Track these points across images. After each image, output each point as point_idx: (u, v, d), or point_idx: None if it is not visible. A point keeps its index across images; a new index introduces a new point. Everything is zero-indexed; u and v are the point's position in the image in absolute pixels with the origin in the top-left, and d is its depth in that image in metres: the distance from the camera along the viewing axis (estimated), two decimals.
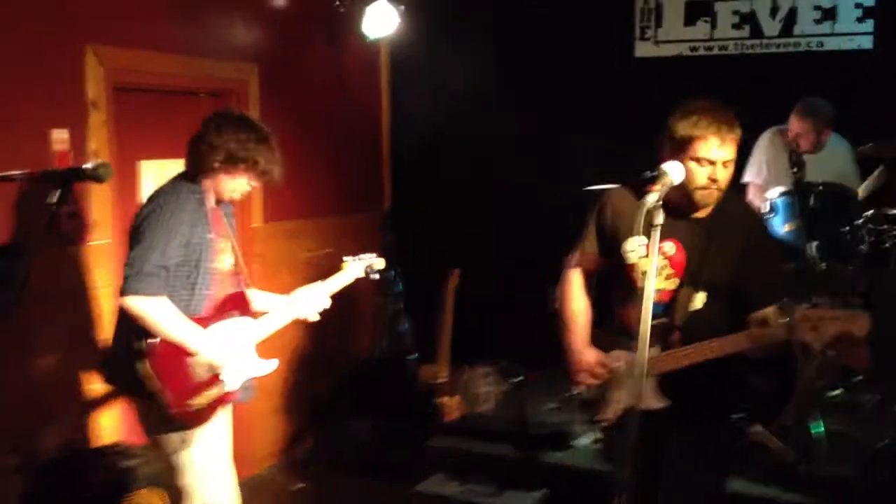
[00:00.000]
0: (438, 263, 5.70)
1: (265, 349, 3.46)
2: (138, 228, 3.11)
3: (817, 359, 4.45)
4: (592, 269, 3.28)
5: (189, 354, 3.13)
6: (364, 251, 3.91)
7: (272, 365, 3.41)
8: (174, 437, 3.23)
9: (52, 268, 3.94)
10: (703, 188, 2.90)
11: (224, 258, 3.33)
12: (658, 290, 3.02)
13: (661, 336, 2.99)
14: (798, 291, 4.51)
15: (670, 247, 3.04)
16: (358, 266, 3.76)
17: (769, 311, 2.87)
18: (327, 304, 3.60)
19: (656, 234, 2.52)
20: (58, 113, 4.01)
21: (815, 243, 4.19)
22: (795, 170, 4.52)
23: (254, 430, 5.07)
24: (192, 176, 3.24)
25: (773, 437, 4.32)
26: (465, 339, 5.45)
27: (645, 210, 2.54)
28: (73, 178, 2.40)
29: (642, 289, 2.83)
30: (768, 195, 4.61)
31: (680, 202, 2.96)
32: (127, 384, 3.23)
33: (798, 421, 4.48)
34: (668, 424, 3.03)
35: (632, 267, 3.07)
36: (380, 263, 3.83)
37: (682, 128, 2.91)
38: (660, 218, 2.53)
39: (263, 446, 5.25)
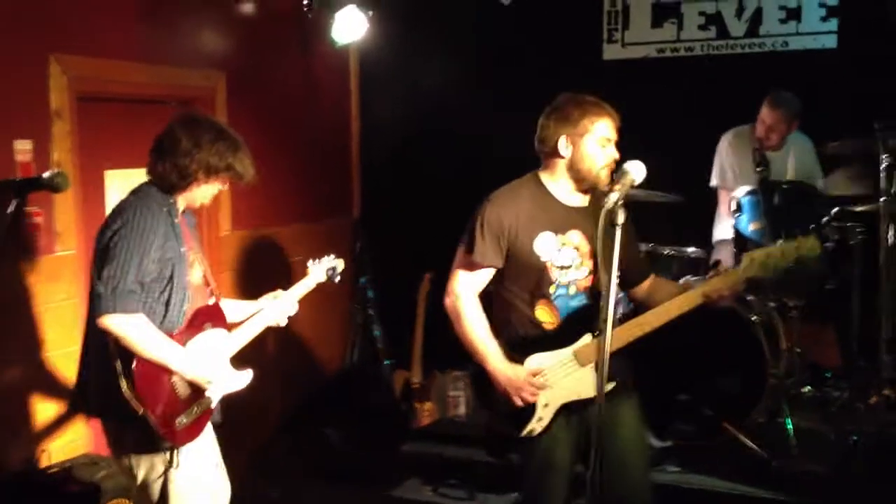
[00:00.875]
0: (410, 269, 5.70)
1: (237, 360, 3.39)
2: (108, 244, 2.96)
3: (786, 356, 4.50)
4: (485, 284, 3.23)
5: (171, 372, 3.02)
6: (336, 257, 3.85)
7: (248, 376, 3.31)
8: (157, 459, 3.08)
9: (15, 279, 3.91)
10: (606, 166, 3.12)
11: (194, 271, 3.23)
12: (575, 282, 3.17)
13: (592, 322, 3.08)
14: (765, 289, 4.58)
15: (577, 237, 3.17)
16: (319, 269, 3.71)
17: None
18: (295, 309, 3.54)
19: (618, 233, 2.53)
20: (21, 123, 3.97)
21: (780, 241, 4.20)
22: (760, 168, 4.56)
23: (227, 440, 5.03)
24: (164, 188, 3.11)
25: (743, 434, 4.34)
26: (438, 344, 5.43)
27: (605, 210, 2.54)
28: (29, 188, 2.37)
29: (566, 284, 3.13)
30: (734, 194, 4.64)
31: (571, 191, 3.18)
32: (103, 407, 3.08)
33: (768, 418, 4.52)
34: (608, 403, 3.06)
35: (545, 265, 3.14)
36: (340, 265, 3.78)
37: (579, 116, 3.12)
38: (621, 217, 2.53)
39: (238, 456, 5.21)
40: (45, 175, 2.37)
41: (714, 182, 5.17)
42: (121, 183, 4.56)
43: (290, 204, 5.70)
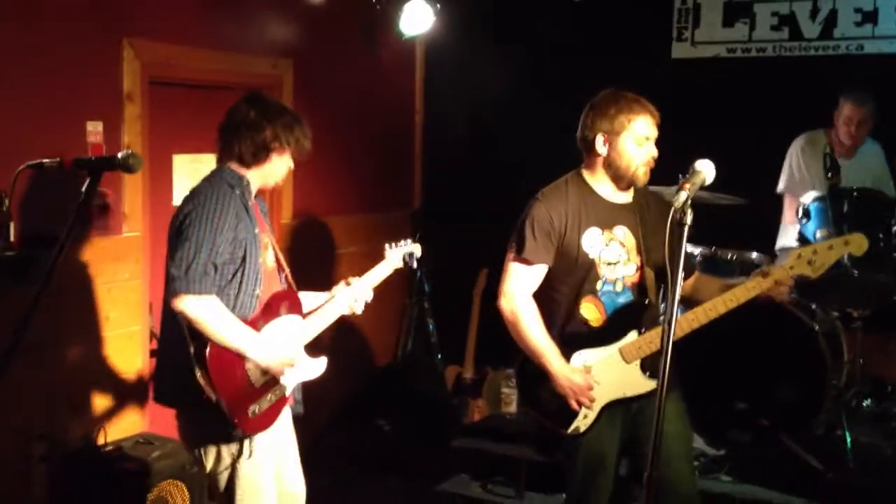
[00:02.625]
0: (467, 263, 5.69)
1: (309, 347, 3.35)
2: (181, 227, 2.93)
3: (847, 367, 4.39)
4: (538, 283, 3.19)
5: (245, 359, 2.94)
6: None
7: (323, 364, 3.26)
8: (224, 450, 3.01)
9: (82, 257, 3.99)
10: (645, 164, 3.13)
11: (267, 254, 3.18)
12: (622, 278, 3.16)
13: (638, 319, 3.13)
14: (829, 298, 4.47)
15: (623, 232, 3.17)
16: (396, 254, 3.59)
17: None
18: (370, 296, 3.44)
19: (684, 232, 2.49)
20: (93, 105, 4.06)
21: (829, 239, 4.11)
22: (830, 175, 4.46)
23: None
24: (240, 164, 3.08)
25: (800, 446, 4.25)
26: (492, 340, 5.43)
27: (674, 209, 2.50)
28: (103, 168, 2.38)
29: (612, 280, 3.13)
30: (802, 200, 4.54)
31: (613, 188, 3.19)
32: (176, 395, 3.03)
33: (826, 430, 4.42)
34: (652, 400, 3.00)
35: (593, 262, 3.12)
36: (417, 250, 3.68)
37: (617, 113, 3.11)
38: (689, 217, 2.50)
39: None
40: (119, 155, 2.39)
41: (781, 187, 5.06)
42: (188, 167, 4.64)
43: (352, 194, 5.74)
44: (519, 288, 3.18)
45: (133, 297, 4.20)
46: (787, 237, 4.96)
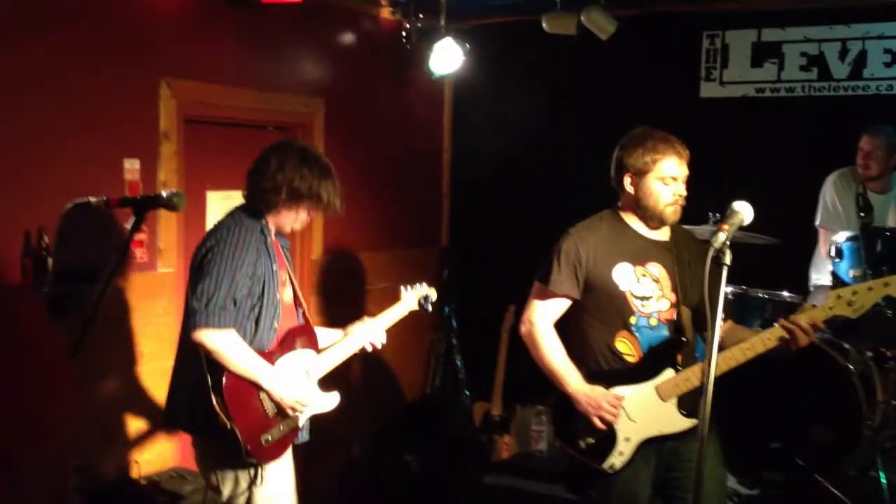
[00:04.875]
0: (495, 300, 5.70)
1: (324, 383, 3.44)
2: (202, 262, 3.04)
3: (882, 407, 4.35)
4: (560, 314, 3.26)
5: (260, 388, 3.05)
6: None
7: (335, 399, 3.34)
8: (241, 475, 3.10)
9: (119, 293, 4.04)
10: (672, 203, 3.15)
11: (286, 290, 3.27)
12: (656, 313, 3.16)
13: (674, 356, 3.12)
14: (863, 338, 4.44)
15: (656, 269, 3.18)
16: (412, 296, 3.69)
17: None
18: (384, 338, 3.53)
19: (724, 272, 2.51)
20: (130, 143, 4.13)
21: (869, 280, 4.09)
22: (863, 214, 4.45)
23: (309, 464, 5.09)
24: (256, 210, 3.19)
25: (834, 486, 4.20)
26: (520, 377, 5.42)
27: (713, 250, 2.52)
28: (148, 206, 2.44)
29: (647, 315, 3.12)
30: (835, 239, 4.53)
31: (646, 226, 3.21)
32: (192, 421, 3.12)
33: (861, 471, 4.36)
34: (687, 440, 3.05)
35: (624, 295, 3.13)
36: (433, 294, 3.76)
37: (643, 153, 3.14)
38: (728, 257, 2.51)
39: (318, 479, 5.27)
40: (164, 194, 2.45)
41: (818, 221, 5.04)
42: (221, 203, 4.70)
43: (381, 230, 5.78)
44: (540, 317, 3.25)
45: (167, 333, 4.23)
46: (820, 272, 4.95)
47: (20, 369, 3.64)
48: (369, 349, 3.52)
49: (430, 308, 3.76)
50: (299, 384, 3.17)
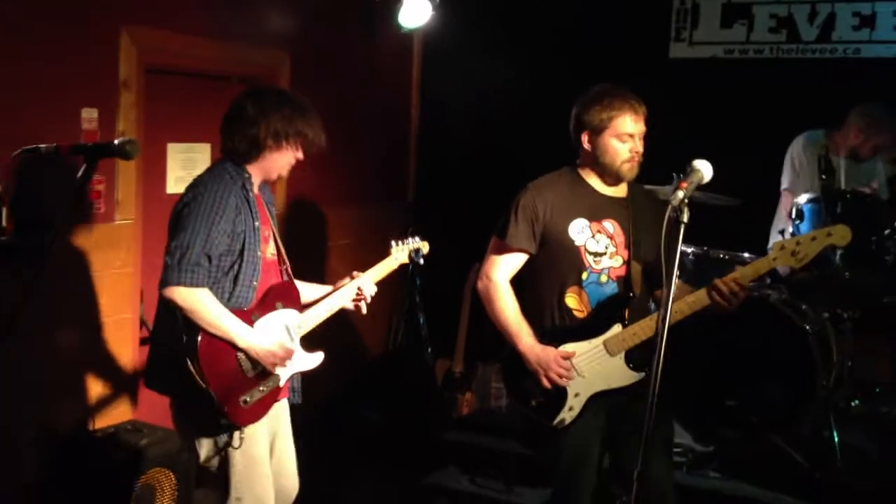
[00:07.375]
0: (459, 258, 5.69)
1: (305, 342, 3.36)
2: (178, 217, 2.96)
3: (836, 368, 4.42)
4: (517, 269, 3.29)
5: (237, 349, 2.96)
6: (385, 242, 3.80)
7: (319, 357, 3.29)
8: (219, 438, 3.04)
9: (74, 244, 3.98)
10: (629, 160, 3.16)
11: (268, 247, 3.20)
12: (607, 270, 3.19)
13: (622, 312, 3.16)
14: (819, 299, 4.50)
15: (611, 225, 3.22)
16: (402, 251, 3.65)
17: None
18: (373, 291, 3.47)
19: (681, 230, 2.52)
20: (89, 92, 4.03)
21: (839, 251, 4.13)
22: (824, 176, 4.48)
23: None
24: (237, 159, 3.09)
25: (788, 444, 4.28)
26: (482, 335, 5.43)
27: (671, 206, 2.53)
28: (100, 154, 2.37)
29: (598, 271, 3.16)
30: (796, 201, 4.56)
31: (604, 183, 3.24)
32: (168, 383, 3.06)
33: (814, 430, 4.44)
34: (635, 396, 3.06)
35: (579, 250, 3.16)
36: (424, 247, 3.74)
37: (599, 111, 3.15)
38: (685, 215, 2.52)
39: None
40: (116, 142, 2.39)
41: (785, 185, 5.06)
42: (182, 156, 4.64)
43: (345, 185, 5.73)
44: (497, 272, 3.27)
45: (124, 285, 4.19)
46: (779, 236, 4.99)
47: None
48: (363, 309, 3.47)
49: (421, 261, 3.74)
50: (278, 341, 3.09)
